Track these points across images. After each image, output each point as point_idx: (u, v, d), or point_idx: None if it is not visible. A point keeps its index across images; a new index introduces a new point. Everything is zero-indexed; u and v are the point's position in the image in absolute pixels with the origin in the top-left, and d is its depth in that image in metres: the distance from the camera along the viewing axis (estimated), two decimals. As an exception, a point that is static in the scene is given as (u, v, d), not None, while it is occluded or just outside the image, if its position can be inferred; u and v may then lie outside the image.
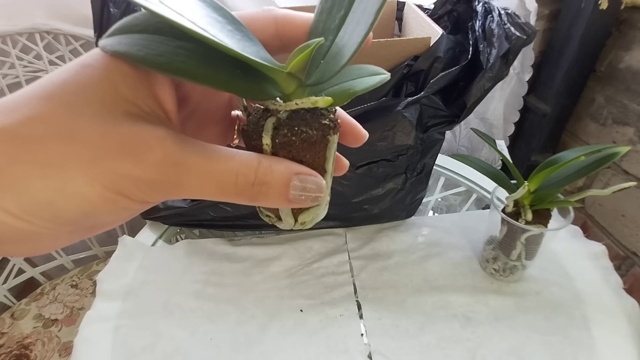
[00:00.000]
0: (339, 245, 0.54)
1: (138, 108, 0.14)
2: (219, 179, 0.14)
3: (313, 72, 0.16)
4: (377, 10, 0.15)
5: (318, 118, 0.16)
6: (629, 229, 0.81)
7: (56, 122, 0.12)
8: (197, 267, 0.52)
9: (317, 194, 0.15)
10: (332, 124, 0.16)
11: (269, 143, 0.15)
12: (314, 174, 0.16)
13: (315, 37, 0.16)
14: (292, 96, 0.16)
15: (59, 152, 0.12)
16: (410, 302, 0.46)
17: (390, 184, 0.50)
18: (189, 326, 0.45)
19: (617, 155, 0.37)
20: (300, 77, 0.16)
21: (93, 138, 0.12)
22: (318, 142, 0.16)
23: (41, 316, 0.72)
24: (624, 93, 0.79)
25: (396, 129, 0.43)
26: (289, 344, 0.43)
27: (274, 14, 0.17)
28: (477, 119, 0.97)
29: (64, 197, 0.12)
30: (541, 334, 0.42)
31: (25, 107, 0.12)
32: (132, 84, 0.14)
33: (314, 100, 0.16)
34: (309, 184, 0.15)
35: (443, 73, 0.42)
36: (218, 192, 0.14)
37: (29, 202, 0.12)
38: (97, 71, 0.13)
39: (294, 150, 0.16)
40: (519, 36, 0.40)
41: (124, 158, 0.13)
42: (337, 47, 0.16)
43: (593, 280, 0.48)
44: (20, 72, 0.78)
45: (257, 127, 0.16)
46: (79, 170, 0.12)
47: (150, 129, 0.13)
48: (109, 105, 0.13)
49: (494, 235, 0.46)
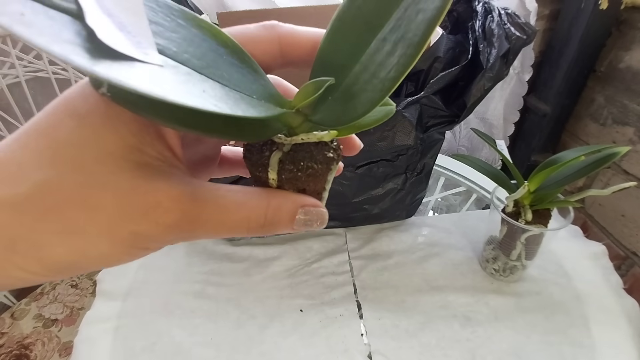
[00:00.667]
0: (339, 245, 0.54)
1: (146, 155, 0.13)
2: (231, 226, 0.15)
3: (320, 108, 0.15)
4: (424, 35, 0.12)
5: (322, 150, 0.16)
6: (629, 229, 0.81)
7: (68, 187, 0.12)
8: (197, 267, 0.52)
9: (319, 223, 0.16)
10: (336, 155, 0.16)
11: (275, 178, 0.15)
12: (318, 204, 0.16)
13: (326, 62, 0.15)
14: (297, 130, 0.16)
15: (77, 221, 0.12)
16: (410, 302, 0.46)
17: (390, 184, 0.50)
18: (189, 326, 0.45)
19: (617, 155, 0.37)
20: (307, 112, 0.15)
21: (109, 203, 0.12)
22: (321, 174, 0.16)
23: (41, 316, 0.72)
24: (624, 93, 0.79)
25: (396, 129, 0.43)
26: (289, 344, 0.43)
27: (278, 32, 0.16)
28: (477, 119, 0.97)
29: (87, 258, 0.13)
30: (541, 334, 0.42)
31: (33, 172, 0.12)
32: (136, 129, 0.13)
33: (320, 136, 0.15)
34: (313, 216, 0.16)
35: (443, 73, 0.42)
36: (231, 234, 0.15)
37: (52, 264, 0.13)
38: (98, 121, 0.13)
39: (299, 183, 0.16)
40: (519, 36, 0.40)
41: (143, 222, 0.13)
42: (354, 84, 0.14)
43: (593, 280, 0.48)
44: (20, 72, 0.78)
45: (262, 159, 0.16)
46: (100, 235, 0.13)
47: (164, 185, 0.13)
48: (118, 159, 0.13)
49: (494, 235, 0.46)
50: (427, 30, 0.12)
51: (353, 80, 0.14)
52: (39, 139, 0.12)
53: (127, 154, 0.13)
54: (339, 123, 0.15)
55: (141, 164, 0.13)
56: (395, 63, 0.13)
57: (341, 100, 0.14)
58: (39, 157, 0.12)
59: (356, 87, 0.14)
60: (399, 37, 0.13)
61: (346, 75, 0.14)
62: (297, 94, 0.15)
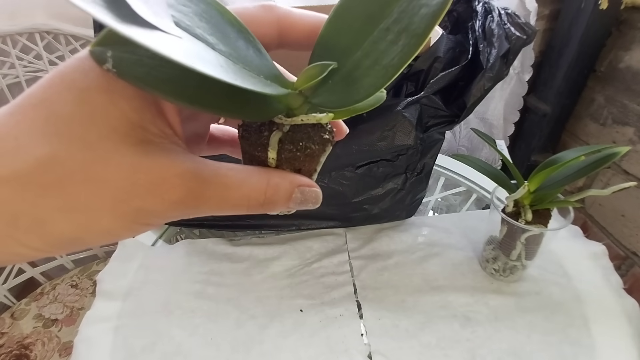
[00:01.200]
0: (339, 245, 0.54)
1: (148, 132, 0.13)
2: (233, 203, 0.15)
3: (320, 90, 0.15)
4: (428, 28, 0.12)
5: (319, 132, 0.16)
6: (629, 229, 0.81)
7: (71, 163, 0.12)
8: (197, 267, 0.52)
9: (313, 202, 0.17)
10: (331, 137, 0.17)
11: (274, 157, 0.16)
12: (313, 184, 0.17)
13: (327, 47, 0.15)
14: (297, 111, 0.16)
15: (80, 196, 0.12)
16: (410, 302, 0.46)
17: (390, 184, 0.50)
18: (189, 326, 0.45)
19: (617, 155, 0.37)
20: (307, 94, 0.16)
21: (114, 179, 0.12)
22: (318, 154, 0.17)
23: (41, 316, 0.72)
24: (624, 93, 0.79)
25: (396, 129, 0.43)
26: (289, 344, 0.43)
27: (276, 14, 0.16)
28: (477, 119, 0.97)
29: (91, 233, 0.13)
30: (541, 334, 0.42)
31: (33, 146, 0.12)
32: (138, 105, 0.13)
33: (319, 118, 0.16)
34: (309, 195, 0.17)
35: (443, 73, 0.42)
36: (231, 211, 0.15)
37: (55, 240, 0.13)
38: (101, 97, 0.12)
39: (296, 162, 0.16)
40: (519, 36, 0.40)
41: (148, 198, 0.13)
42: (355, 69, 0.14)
43: (593, 280, 0.48)
44: (20, 72, 0.78)
45: (261, 139, 0.16)
46: (104, 211, 0.13)
47: (167, 162, 0.13)
48: (122, 136, 0.13)
49: (494, 235, 0.46)
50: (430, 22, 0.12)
51: (354, 66, 0.14)
52: (37, 112, 0.12)
53: (130, 130, 0.13)
54: (340, 105, 0.15)
55: (144, 140, 0.13)
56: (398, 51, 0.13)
57: (342, 84, 0.15)
58: (39, 131, 0.12)
59: (358, 72, 0.14)
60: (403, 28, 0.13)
61: (347, 60, 0.15)
62: (300, 76, 0.15)
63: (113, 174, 0.12)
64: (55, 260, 0.82)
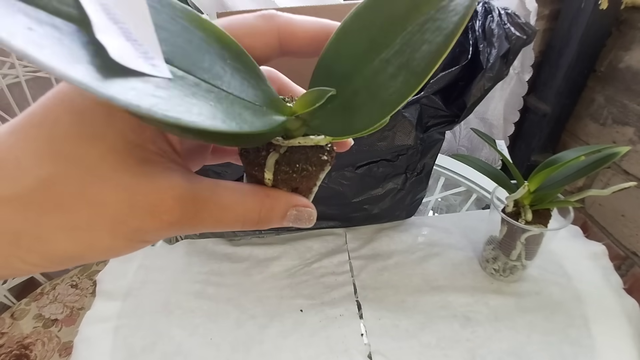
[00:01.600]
0: (339, 245, 0.54)
1: (147, 151, 0.14)
2: (228, 222, 0.15)
3: (318, 114, 0.15)
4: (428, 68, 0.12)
5: (317, 153, 0.16)
6: (629, 229, 0.81)
7: (71, 184, 0.12)
8: (197, 267, 0.52)
9: (307, 222, 0.17)
10: (330, 157, 0.17)
11: (270, 178, 0.16)
12: (308, 205, 0.17)
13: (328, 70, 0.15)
14: (295, 133, 0.16)
15: (82, 216, 0.12)
16: (410, 302, 0.46)
17: (390, 184, 0.50)
18: (189, 326, 0.45)
19: (617, 155, 0.37)
20: (305, 118, 0.16)
21: (112, 201, 0.13)
22: (315, 175, 0.17)
23: (41, 316, 0.72)
24: (624, 93, 0.79)
25: (396, 129, 0.43)
26: (289, 344, 0.43)
27: (276, 22, 0.16)
28: (477, 119, 0.97)
29: (91, 251, 0.13)
30: (541, 334, 0.42)
31: (34, 167, 0.12)
32: (136, 125, 0.13)
33: (317, 141, 0.16)
34: (303, 215, 0.17)
35: (443, 73, 0.42)
36: (227, 229, 0.16)
37: (56, 257, 0.13)
38: (99, 118, 0.13)
39: (293, 183, 0.17)
40: (519, 36, 0.40)
41: (146, 219, 0.13)
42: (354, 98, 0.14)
43: (593, 280, 0.48)
44: (20, 72, 0.78)
45: (258, 159, 0.16)
46: (104, 231, 0.13)
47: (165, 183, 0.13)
48: (120, 156, 0.13)
49: (494, 235, 0.46)
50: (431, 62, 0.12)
51: (354, 94, 0.14)
52: (37, 133, 0.12)
53: (128, 150, 0.13)
54: (336, 134, 0.15)
55: (143, 160, 0.13)
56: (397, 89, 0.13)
57: (340, 111, 0.15)
58: (39, 152, 0.12)
59: (357, 101, 0.14)
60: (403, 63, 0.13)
61: (347, 86, 0.15)
62: (298, 100, 0.15)
63: (111, 196, 0.12)
64: (55, 260, 0.81)
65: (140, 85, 0.10)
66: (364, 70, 0.14)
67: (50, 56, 0.09)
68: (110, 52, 0.10)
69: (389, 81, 0.13)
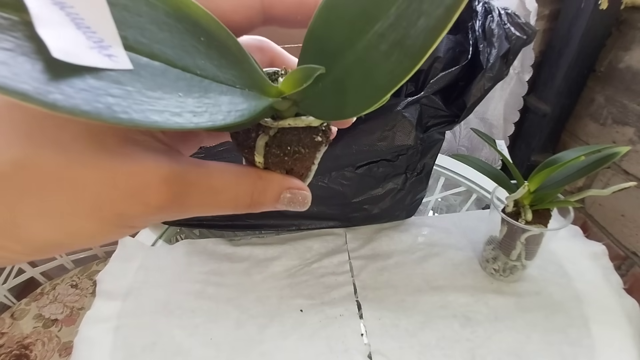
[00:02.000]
0: (339, 245, 0.54)
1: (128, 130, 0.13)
2: (220, 205, 0.15)
3: (309, 94, 0.14)
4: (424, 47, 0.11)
5: (310, 134, 0.15)
6: (629, 229, 0.81)
7: (45, 166, 0.11)
8: (197, 267, 0.52)
9: (302, 205, 0.16)
10: (324, 138, 0.16)
11: (261, 161, 0.15)
12: (302, 187, 0.16)
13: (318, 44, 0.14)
14: (285, 113, 0.15)
15: (56, 201, 0.11)
16: (410, 302, 0.46)
17: (390, 184, 0.50)
18: (189, 326, 0.45)
19: (617, 155, 0.37)
20: (295, 97, 0.14)
21: (90, 183, 0.11)
22: (309, 157, 0.16)
23: (41, 316, 0.72)
24: (624, 93, 0.79)
25: (396, 129, 0.43)
26: (289, 344, 0.43)
27: None
28: (477, 119, 0.97)
29: (71, 238, 0.12)
30: (541, 334, 0.42)
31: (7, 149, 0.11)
32: None
33: (309, 121, 0.15)
34: (297, 197, 0.16)
35: (443, 73, 0.42)
36: (218, 212, 0.15)
37: (35, 245, 0.12)
38: None
39: (285, 165, 0.16)
40: (519, 36, 0.40)
41: (130, 203, 0.12)
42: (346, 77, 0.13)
43: (593, 280, 0.48)
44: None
45: (248, 141, 0.15)
46: (86, 216, 0.12)
47: (151, 164, 0.12)
48: (98, 136, 0.12)
49: (494, 235, 0.46)
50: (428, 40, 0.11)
51: (345, 73, 0.13)
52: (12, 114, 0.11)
53: (108, 129, 0.12)
54: (327, 118, 0.15)
55: (123, 139, 0.12)
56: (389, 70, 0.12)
57: (331, 91, 0.13)
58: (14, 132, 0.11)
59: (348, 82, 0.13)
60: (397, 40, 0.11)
61: (338, 62, 0.13)
62: (285, 79, 0.14)
63: (90, 179, 0.11)
64: (55, 260, 0.82)
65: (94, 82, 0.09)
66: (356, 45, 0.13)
67: None
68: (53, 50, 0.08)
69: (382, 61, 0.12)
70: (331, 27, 0.13)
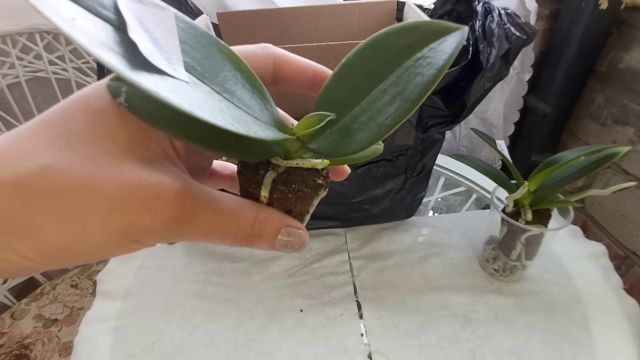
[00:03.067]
0: (339, 245, 0.54)
1: (151, 152, 0.14)
2: (222, 230, 0.15)
3: (318, 138, 0.17)
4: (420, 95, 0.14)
5: (313, 176, 0.17)
6: (629, 229, 0.81)
7: (71, 172, 0.12)
8: (197, 267, 0.52)
9: (299, 247, 0.17)
10: (325, 182, 0.18)
11: (266, 196, 0.17)
12: (301, 227, 0.17)
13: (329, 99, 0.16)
14: (294, 154, 0.17)
15: (74, 204, 0.12)
16: (410, 302, 0.46)
17: (390, 184, 0.50)
18: (189, 326, 0.45)
19: (617, 155, 0.37)
20: (305, 140, 0.17)
21: (109, 189, 0.13)
22: (309, 198, 0.17)
23: (41, 316, 0.72)
24: (624, 93, 0.79)
25: (396, 129, 0.43)
26: (289, 344, 0.43)
27: (272, 52, 0.18)
28: (477, 119, 0.97)
29: (80, 244, 0.13)
30: (541, 334, 0.42)
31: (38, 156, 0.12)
32: (144, 127, 0.14)
33: (314, 163, 0.17)
34: (295, 237, 0.17)
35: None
36: (218, 240, 0.16)
37: (46, 248, 0.13)
38: (112, 118, 0.13)
39: (287, 203, 0.17)
40: (519, 36, 0.40)
41: (141, 213, 0.13)
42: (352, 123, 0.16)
43: (593, 280, 0.48)
44: (20, 72, 0.78)
45: (256, 177, 0.17)
46: (96, 222, 0.13)
47: (166, 179, 0.14)
48: (125, 153, 0.13)
49: (494, 235, 0.46)
50: (423, 90, 0.13)
51: (352, 120, 0.16)
52: (50, 129, 0.13)
53: (134, 147, 0.14)
54: (334, 155, 0.16)
55: (146, 159, 0.14)
56: (392, 112, 0.14)
57: (339, 134, 0.16)
58: (47, 145, 0.12)
59: (354, 125, 0.15)
60: (398, 92, 0.14)
61: (346, 113, 0.16)
62: (299, 123, 0.16)
63: (109, 185, 0.13)
64: (55, 260, 0.81)
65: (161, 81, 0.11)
66: (362, 100, 0.16)
67: (88, 41, 0.10)
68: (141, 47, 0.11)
69: (385, 107, 0.15)
70: (341, 86, 0.17)
